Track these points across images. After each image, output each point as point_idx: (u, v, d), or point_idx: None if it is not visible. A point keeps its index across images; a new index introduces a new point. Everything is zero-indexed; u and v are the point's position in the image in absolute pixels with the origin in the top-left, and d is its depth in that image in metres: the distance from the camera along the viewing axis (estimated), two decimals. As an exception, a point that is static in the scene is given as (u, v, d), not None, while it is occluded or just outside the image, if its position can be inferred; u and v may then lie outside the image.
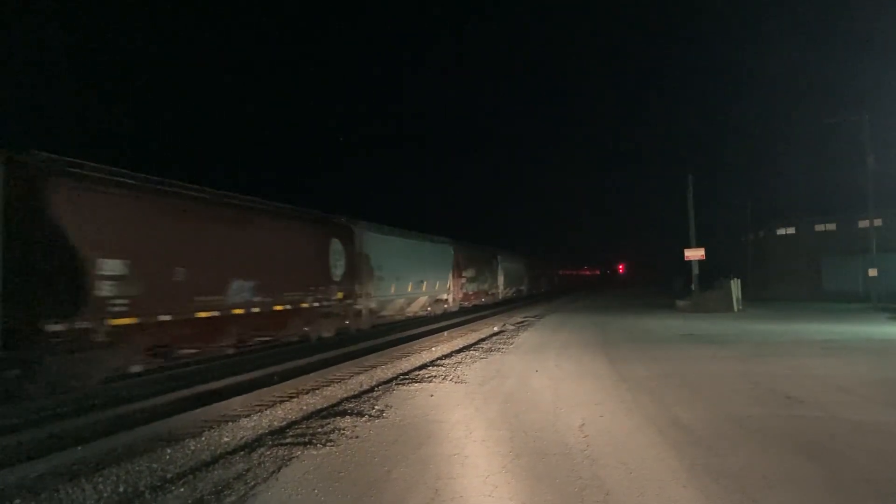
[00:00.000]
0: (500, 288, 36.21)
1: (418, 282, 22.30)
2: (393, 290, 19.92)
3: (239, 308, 11.54)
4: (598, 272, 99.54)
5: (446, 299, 26.38)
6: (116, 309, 8.92)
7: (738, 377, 9.30)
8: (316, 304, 14.70)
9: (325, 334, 15.71)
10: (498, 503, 4.45)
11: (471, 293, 30.22)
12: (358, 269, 17.19)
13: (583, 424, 6.57)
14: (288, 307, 13.35)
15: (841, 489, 4.54)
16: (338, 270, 15.82)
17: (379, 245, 19.03)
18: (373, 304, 18.38)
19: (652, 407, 7.40)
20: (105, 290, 8.77)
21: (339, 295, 15.90)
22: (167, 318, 9.83)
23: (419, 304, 23.48)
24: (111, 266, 8.90)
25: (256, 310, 12.09)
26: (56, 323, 8.15)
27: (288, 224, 14.07)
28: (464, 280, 28.84)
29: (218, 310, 10.95)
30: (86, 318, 8.48)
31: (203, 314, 10.64)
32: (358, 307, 17.35)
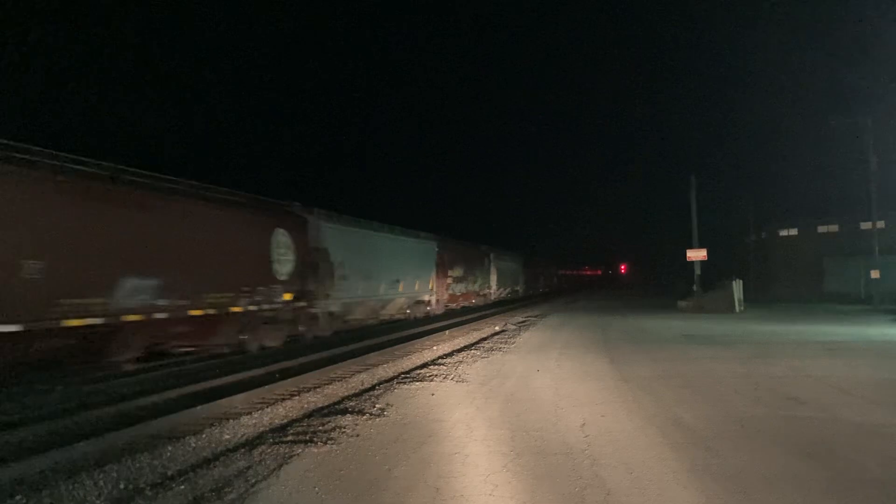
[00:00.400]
0: (493, 288, 34.15)
1: (393, 282, 20.03)
2: (360, 290, 17.60)
3: (135, 314, 9.26)
4: (599, 272, 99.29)
5: (428, 301, 23.94)
6: None
7: (740, 378, 9.29)
8: (253, 308, 12.22)
9: (270, 343, 13.41)
10: (499, 502, 4.45)
11: (458, 294, 28.05)
12: (313, 267, 14.75)
13: (584, 424, 6.57)
14: (211, 312, 10.93)
15: (842, 490, 4.53)
16: (284, 267, 13.43)
17: (342, 239, 16.56)
18: (334, 308, 16.00)
19: (653, 407, 7.40)
20: None
21: (287, 296, 13.49)
22: (13, 328, 7.60)
23: (396, 307, 21.30)
24: None
25: (163, 315, 9.82)
26: None
27: (210, 209, 11.37)
28: (450, 280, 26.58)
29: (101, 316, 8.73)
30: None
31: (75, 322, 8.38)
32: (314, 311, 14.94)
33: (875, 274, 25.12)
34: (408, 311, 22.56)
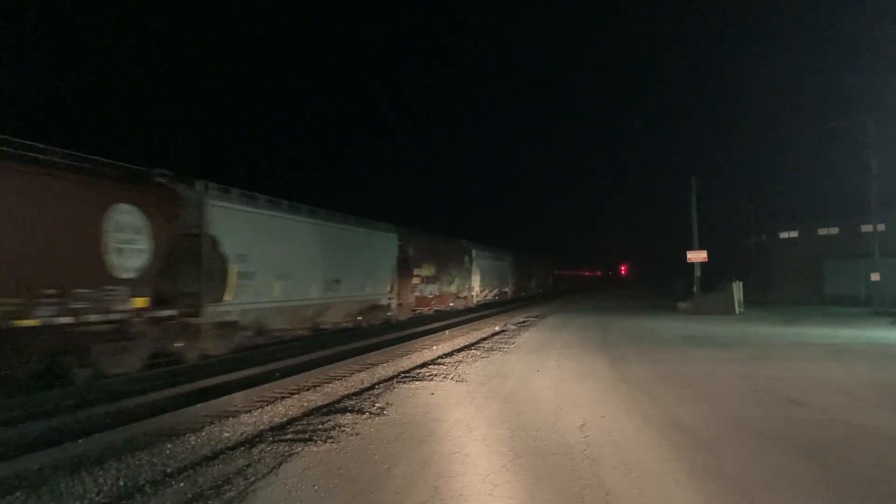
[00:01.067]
0: (475, 290, 30.07)
1: (331, 282, 16.04)
2: (277, 292, 13.66)
3: None
4: (598, 273, 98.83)
5: (388, 305, 19.86)
6: None
7: (739, 379, 9.29)
8: (69, 321, 8.64)
9: (117, 370, 9.78)
10: (498, 502, 4.46)
11: (430, 297, 23.98)
12: (191, 260, 11.06)
13: (583, 425, 6.57)
14: None
15: (840, 491, 4.54)
16: (130, 260, 9.72)
17: (243, 223, 12.57)
18: (233, 316, 12.25)
19: (652, 408, 7.40)
20: None
21: (138, 302, 9.88)
22: None
23: (340, 314, 17.05)
24: None
25: None
26: None
27: None
28: (417, 280, 22.52)
29: None
30: None
31: None
32: (195, 321, 11.16)
33: (875, 276, 25.09)
34: (359, 318, 18.34)
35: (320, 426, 6.79)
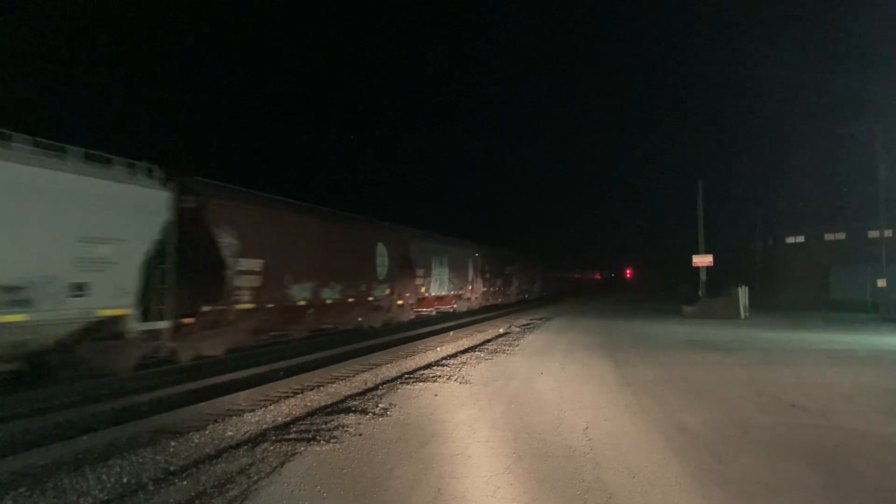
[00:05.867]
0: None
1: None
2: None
3: None
4: (598, 276, 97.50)
5: None
6: None
7: (744, 384, 9.25)
8: None
9: None
10: None
11: None
12: None
13: (587, 427, 6.56)
14: None
15: (844, 498, 4.51)
16: None
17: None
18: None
19: (657, 411, 7.38)
20: None
21: None
22: None
23: None
24: None
25: None
26: None
27: None
28: None
29: None
30: None
31: None
32: None
33: (881, 283, 24.96)
34: None
35: (323, 426, 6.80)
